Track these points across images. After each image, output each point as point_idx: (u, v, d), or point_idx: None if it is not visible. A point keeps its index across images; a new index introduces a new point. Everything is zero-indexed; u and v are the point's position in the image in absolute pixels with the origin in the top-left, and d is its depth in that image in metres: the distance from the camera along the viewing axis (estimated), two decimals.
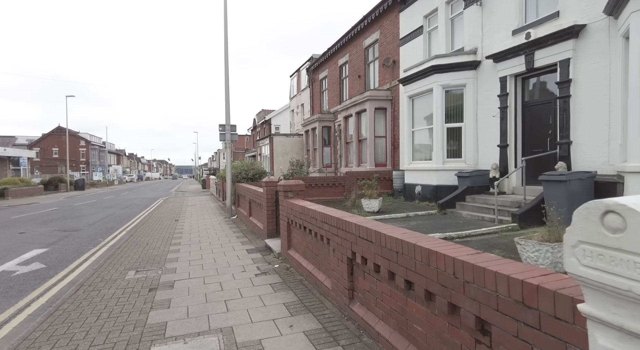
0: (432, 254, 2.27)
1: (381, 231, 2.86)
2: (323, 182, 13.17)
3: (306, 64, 25.71)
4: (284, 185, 5.89)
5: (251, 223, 9.32)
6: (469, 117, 10.60)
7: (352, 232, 3.36)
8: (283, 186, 5.89)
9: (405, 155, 12.47)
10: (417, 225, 7.99)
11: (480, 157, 10.47)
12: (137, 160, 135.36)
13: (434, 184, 10.99)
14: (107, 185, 51.31)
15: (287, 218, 5.74)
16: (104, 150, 74.82)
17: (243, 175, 12.46)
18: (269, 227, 7.49)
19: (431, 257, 2.27)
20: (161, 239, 8.55)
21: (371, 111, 14.85)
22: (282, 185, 5.92)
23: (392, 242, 2.69)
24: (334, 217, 3.78)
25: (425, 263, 2.33)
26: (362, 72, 17.53)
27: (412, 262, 2.47)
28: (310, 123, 22.03)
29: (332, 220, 3.83)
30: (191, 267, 5.91)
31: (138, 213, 15.13)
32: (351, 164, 16.92)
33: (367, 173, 13.69)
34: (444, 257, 2.16)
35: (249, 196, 9.56)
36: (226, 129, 12.16)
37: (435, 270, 2.24)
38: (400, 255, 2.61)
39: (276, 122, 38.98)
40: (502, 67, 9.45)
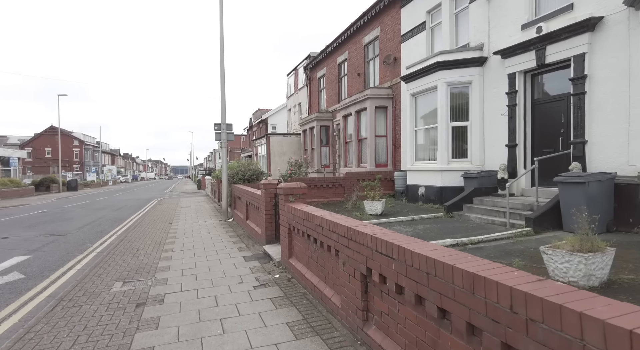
0: (478, 280, 1.82)
1: (406, 247, 2.41)
2: (322, 183, 12.72)
3: (304, 63, 25.25)
4: (284, 188, 5.43)
5: (248, 227, 8.85)
6: (475, 116, 10.19)
7: (368, 245, 2.91)
8: (284, 189, 5.43)
9: (408, 155, 12.05)
10: (425, 229, 7.56)
11: (487, 158, 10.07)
12: (132, 160, 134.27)
13: (439, 185, 10.58)
14: (100, 186, 50.53)
15: (288, 224, 5.28)
16: (97, 150, 73.88)
17: (239, 176, 11.98)
18: (268, 233, 7.02)
19: (477, 283, 1.83)
20: (153, 245, 8.06)
21: (371, 110, 14.42)
22: (282, 188, 5.46)
23: (422, 261, 2.24)
24: (344, 226, 3.33)
25: (468, 291, 1.88)
26: (362, 70, 17.09)
27: (448, 288, 2.02)
28: (308, 122, 21.57)
29: (342, 230, 3.38)
30: (184, 278, 5.43)
31: (130, 215, 14.60)
32: (350, 164, 16.49)
33: (367, 174, 13.27)
34: (497, 285, 1.71)
35: (246, 198, 9.09)
36: (222, 127, 11.67)
37: (483, 301, 1.79)
38: (432, 277, 2.16)
39: (273, 121, 38.50)
40: (511, 63, 9.04)
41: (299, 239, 4.99)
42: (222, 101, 11.78)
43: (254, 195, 8.02)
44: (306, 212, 4.46)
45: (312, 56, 24.06)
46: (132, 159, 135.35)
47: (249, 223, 8.81)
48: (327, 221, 3.74)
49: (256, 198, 7.81)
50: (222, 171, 11.83)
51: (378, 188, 9.76)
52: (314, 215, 4.16)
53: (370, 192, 9.65)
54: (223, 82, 11.80)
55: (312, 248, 4.44)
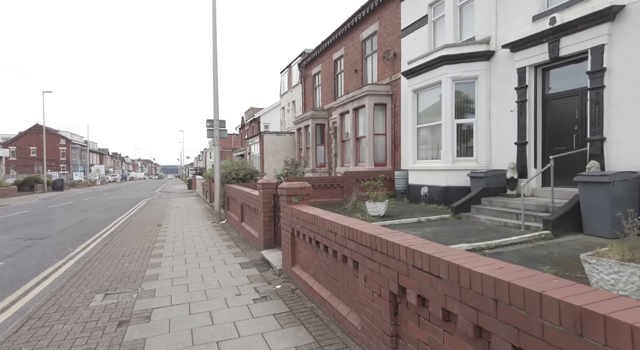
0: (588, 316, 1.30)
1: (461, 264, 1.88)
2: (320, 183, 12.18)
3: (298, 60, 24.67)
4: (287, 188, 4.87)
5: (244, 230, 8.27)
6: (482, 113, 9.74)
7: (401, 258, 2.38)
8: (286, 189, 4.87)
9: (410, 154, 11.56)
10: (434, 232, 7.06)
11: (494, 156, 9.63)
12: (121, 159, 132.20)
13: (443, 185, 10.11)
14: (88, 186, 49.27)
15: (292, 228, 4.73)
16: (85, 150, 72.29)
17: (233, 175, 11.37)
18: (266, 237, 6.45)
19: (587, 321, 1.30)
20: (140, 249, 7.43)
21: (370, 107, 13.91)
22: (284, 188, 4.90)
23: (487, 284, 1.71)
24: (367, 234, 2.80)
25: (571, 331, 1.36)
26: (359, 66, 16.58)
27: (534, 324, 1.50)
28: (303, 120, 21.00)
29: (364, 238, 2.84)
30: (174, 289, 4.84)
31: (117, 216, 13.88)
32: (348, 164, 15.97)
33: (366, 173, 12.77)
34: (618, 325, 1.19)
35: (241, 199, 8.51)
36: (214, 124, 11.05)
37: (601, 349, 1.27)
38: (503, 306, 1.63)
39: (265, 120, 37.86)
40: (521, 57, 8.60)
41: (304, 245, 4.44)
42: (214, 96, 11.16)
43: (250, 196, 7.44)
44: (314, 215, 3.91)
45: (306, 53, 23.49)
46: (121, 158, 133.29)
47: (245, 226, 8.22)
48: (343, 227, 3.19)
49: (253, 199, 7.23)
50: (215, 170, 11.22)
51: (381, 188, 9.25)
52: (325, 219, 3.62)
53: (373, 192, 9.14)
54: (216, 75, 11.18)
55: (321, 257, 3.90)
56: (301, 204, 4.84)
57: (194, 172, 56.31)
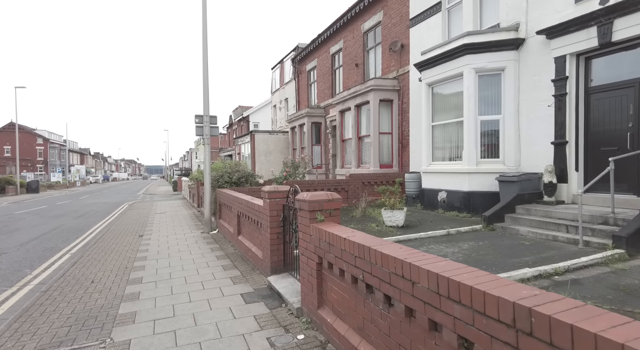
0: None
1: None
2: (323, 187, 10.93)
3: (291, 55, 23.36)
4: (310, 201, 3.61)
5: (241, 245, 6.95)
6: (509, 108, 8.65)
7: None
8: (309, 202, 3.61)
9: (424, 154, 10.41)
10: (473, 249, 5.89)
11: (523, 157, 8.54)
12: (104, 159, 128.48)
13: (465, 189, 8.97)
14: (67, 187, 46.84)
15: (318, 256, 3.47)
16: (65, 149, 69.30)
17: (225, 178, 10.01)
18: (274, 258, 5.16)
19: None
20: (116, 271, 6.05)
21: (375, 103, 12.73)
22: (306, 201, 3.64)
23: None
24: (508, 303, 1.56)
25: None
26: (361, 60, 15.39)
27: None
28: (298, 119, 19.72)
29: (503, 308, 1.60)
30: (156, 339, 3.53)
31: (94, 224, 12.35)
32: (349, 165, 14.76)
33: (373, 176, 11.58)
34: None
35: (238, 208, 7.18)
36: (204, 120, 9.68)
37: None
38: None
39: (255, 119, 36.41)
40: (559, 45, 7.53)
41: (339, 283, 3.18)
42: (204, 87, 9.78)
43: (251, 206, 6.13)
44: (362, 245, 2.66)
45: (300, 47, 22.22)
46: (104, 158, 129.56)
47: (243, 240, 6.90)
48: (436, 277, 1.94)
49: (254, 210, 5.93)
50: (205, 173, 9.85)
51: (399, 193, 8.06)
52: (388, 255, 2.36)
53: (389, 199, 7.94)
54: (206, 62, 9.79)
55: (374, 307, 2.65)
56: (330, 223, 3.59)
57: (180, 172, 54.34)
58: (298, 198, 3.89)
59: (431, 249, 5.98)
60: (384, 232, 7.32)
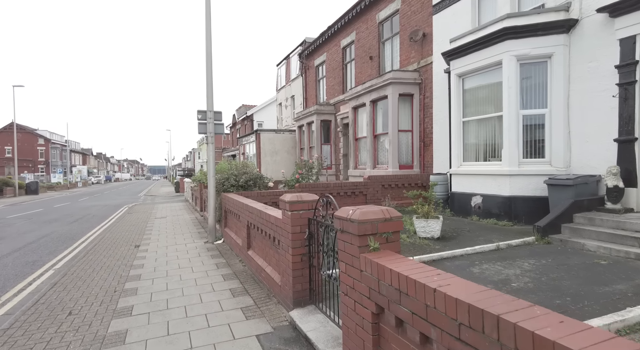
0: None
1: None
2: (339, 190, 9.83)
3: (297, 50, 22.27)
4: (360, 220, 2.52)
5: (252, 262, 5.85)
6: (557, 101, 7.52)
7: None
8: (358, 223, 2.52)
9: (454, 154, 9.28)
10: (537, 270, 4.77)
11: (574, 157, 7.41)
12: (106, 160, 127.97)
13: (505, 194, 7.85)
14: (68, 188, 45.98)
15: (374, 303, 2.38)
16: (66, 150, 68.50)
17: (232, 182, 8.93)
18: (297, 286, 4.06)
19: None
20: (102, 296, 4.99)
21: (394, 98, 11.62)
22: (354, 220, 2.55)
23: None
24: None
25: None
26: (375, 52, 14.28)
27: None
28: (306, 116, 18.63)
29: None
30: None
31: (88, 231, 11.31)
32: (363, 166, 13.66)
33: (394, 178, 10.47)
34: None
35: (248, 218, 6.09)
36: (207, 116, 8.59)
37: None
38: None
39: (259, 118, 35.36)
40: (627, 23, 6.39)
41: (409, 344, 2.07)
42: (207, 80, 8.69)
43: (265, 216, 5.04)
44: (476, 308, 1.57)
45: (308, 42, 21.13)
46: (106, 158, 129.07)
47: (254, 256, 5.81)
48: None
49: (269, 222, 4.83)
50: (208, 175, 8.77)
51: (434, 199, 6.96)
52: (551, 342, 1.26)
53: (422, 205, 6.83)
54: (209, 50, 8.71)
55: None
56: (388, 253, 2.50)
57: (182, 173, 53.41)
58: (340, 215, 2.79)
59: (486, 270, 4.86)
60: (419, 246, 6.21)
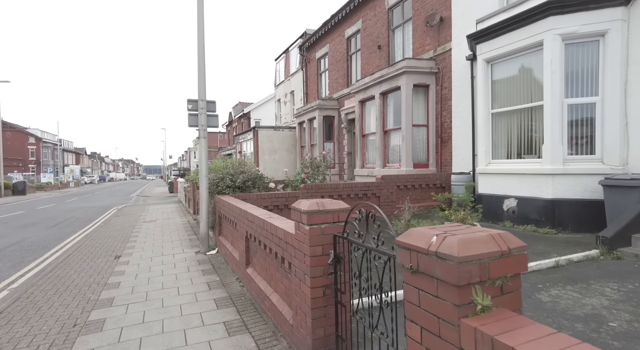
0: None
1: None
2: (349, 192, 8.67)
3: (298, 42, 21.08)
4: (462, 256, 1.36)
5: (252, 284, 4.66)
6: (612, 87, 6.39)
7: None
8: (459, 261, 1.36)
9: (481, 150, 8.15)
10: (631, 299, 3.63)
11: (633, 153, 6.29)
12: (100, 159, 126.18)
13: (547, 196, 6.71)
14: (58, 188, 44.51)
15: None
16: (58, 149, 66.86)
17: (227, 182, 7.74)
18: (318, 331, 2.88)
19: None
20: (55, 333, 3.81)
21: (408, 89, 10.47)
22: (452, 256, 1.39)
23: None
24: None
25: None
26: (385, 40, 13.12)
27: None
28: (307, 112, 17.45)
29: None
30: None
31: (67, 237, 10.09)
32: (371, 165, 12.51)
33: (411, 178, 9.31)
34: None
35: (247, 228, 4.90)
36: (199, 106, 7.40)
37: None
38: None
39: (256, 115, 34.15)
40: None
41: None
42: (199, 61, 7.50)
43: (269, 228, 3.84)
44: None
45: (308, 34, 19.96)
46: (101, 158, 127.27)
47: (255, 277, 4.61)
48: None
49: (275, 236, 3.65)
50: (200, 174, 7.58)
51: (469, 203, 5.82)
52: None
53: (457, 211, 5.69)
54: (201, 27, 7.51)
55: None
56: (508, 314, 1.33)
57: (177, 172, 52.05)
58: (412, 244, 1.63)
59: (559, 299, 3.72)
60: None
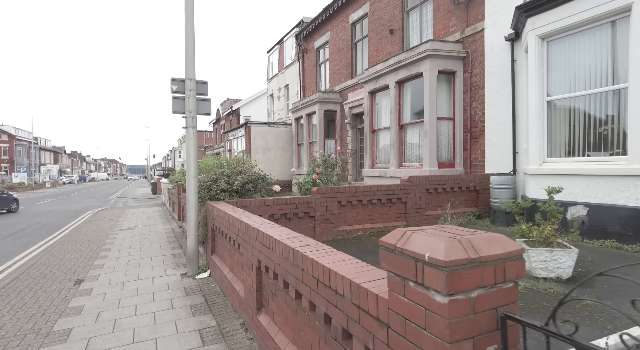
0: None
1: None
2: (371, 197, 7.11)
3: (293, 31, 19.46)
4: None
5: (268, 341, 3.05)
6: None
7: None
8: None
9: (533, 147, 6.70)
10: None
11: None
12: (81, 158, 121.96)
13: (634, 204, 5.29)
14: (32, 189, 41.74)
15: None
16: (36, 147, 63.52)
17: (222, 185, 6.08)
18: None
19: None
20: None
21: (432, 76, 8.99)
22: None
23: None
24: None
25: None
26: (398, 24, 11.63)
27: None
28: (306, 106, 15.85)
29: None
30: None
31: (21, 251, 8.27)
32: (383, 164, 11.01)
33: (442, 179, 7.82)
34: None
35: (263, 258, 3.29)
36: (186, 86, 5.73)
37: None
38: None
39: (246, 112, 32.37)
40: None
41: None
42: (187, 34, 5.84)
43: (319, 272, 2.24)
44: None
45: (305, 22, 18.37)
46: (82, 157, 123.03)
47: (277, 336, 2.99)
48: None
49: (337, 294, 2.05)
50: (188, 175, 5.92)
51: (555, 212, 4.33)
52: None
53: (537, 227, 4.19)
54: None
55: None
56: None
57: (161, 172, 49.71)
58: None
59: None
60: (546, 295, 3.57)
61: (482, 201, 8.11)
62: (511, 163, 7.93)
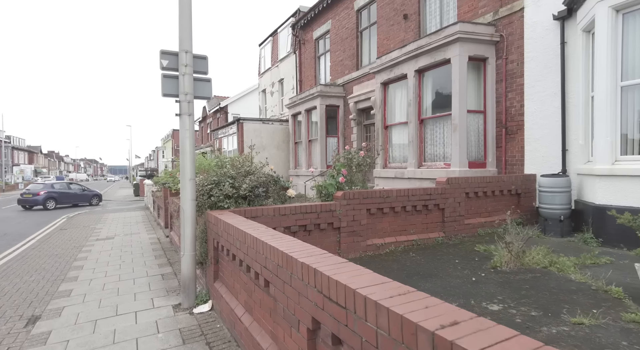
0: None
1: None
2: (405, 203, 5.85)
3: (289, 21, 18.12)
4: None
5: None
6: None
7: None
8: None
9: (601, 143, 5.57)
10: None
11: None
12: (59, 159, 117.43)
13: None
14: (3, 191, 39.14)
15: None
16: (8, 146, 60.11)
17: (227, 189, 4.73)
18: None
19: None
20: None
21: (462, 62, 7.82)
22: None
23: None
24: None
25: None
26: (413, 8, 10.44)
27: None
28: (305, 101, 14.54)
29: None
30: None
31: None
32: (398, 164, 9.80)
33: (482, 181, 6.62)
34: None
35: (319, 315, 2.02)
36: (180, 61, 4.36)
37: None
38: None
39: (235, 110, 30.78)
40: None
41: None
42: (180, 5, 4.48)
43: None
44: None
45: (302, 11, 17.07)
46: (59, 157, 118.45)
47: None
48: None
49: None
50: (183, 177, 4.57)
51: None
52: None
53: None
54: None
55: None
56: None
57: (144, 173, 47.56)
58: None
59: None
60: None
61: (523, 206, 6.97)
62: (559, 162, 6.83)
